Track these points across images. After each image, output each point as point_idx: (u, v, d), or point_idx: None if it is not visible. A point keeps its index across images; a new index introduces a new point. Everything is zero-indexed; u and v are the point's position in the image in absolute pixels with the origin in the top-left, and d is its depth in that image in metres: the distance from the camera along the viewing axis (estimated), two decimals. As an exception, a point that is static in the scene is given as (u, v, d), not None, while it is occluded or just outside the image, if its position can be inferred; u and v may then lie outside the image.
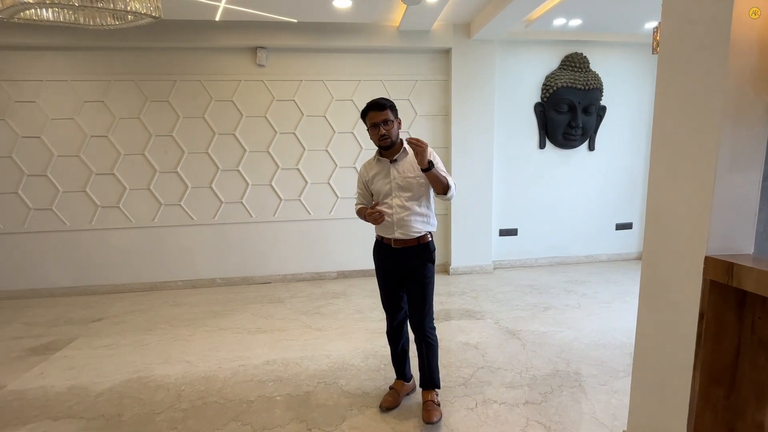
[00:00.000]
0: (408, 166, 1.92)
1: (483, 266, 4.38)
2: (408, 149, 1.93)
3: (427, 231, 1.98)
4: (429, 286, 1.97)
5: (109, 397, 2.19)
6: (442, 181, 1.85)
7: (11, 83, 3.63)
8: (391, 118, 1.86)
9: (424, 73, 4.12)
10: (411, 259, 1.94)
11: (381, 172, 1.95)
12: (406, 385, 2.18)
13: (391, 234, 1.93)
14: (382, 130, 1.84)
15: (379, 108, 1.84)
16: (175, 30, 3.57)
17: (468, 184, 4.19)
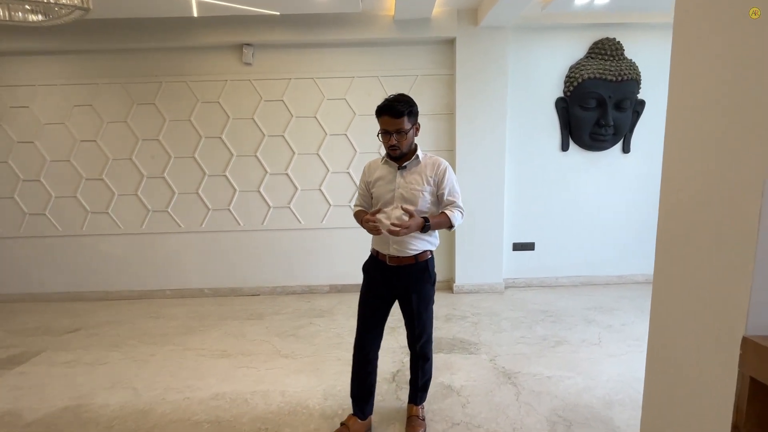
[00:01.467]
0: (417, 176, 1.74)
1: (492, 285, 3.86)
2: (421, 158, 1.78)
3: (426, 249, 1.80)
4: (428, 308, 1.85)
5: (37, 429, 2.00)
6: (443, 224, 1.75)
7: (6, 88, 3.64)
8: (406, 128, 1.67)
9: (425, 67, 3.68)
10: (407, 279, 1.79)
11: (386, 177, 1.78)
12: (359, 423, 1.88)
13: (387, 249, 1.77)
14: (393, 140, 1.66)
15: (394, 114, 1.63)
16: (157, 29, 3.40)
17: (476, 191, 3.70)
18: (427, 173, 1.75)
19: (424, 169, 1.75)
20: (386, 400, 2.17)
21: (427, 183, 1.74)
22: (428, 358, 1.93)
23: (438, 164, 1.77)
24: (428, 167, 1.76)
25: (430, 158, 1.79)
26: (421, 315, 1.84)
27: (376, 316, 1.87)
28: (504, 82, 3.59)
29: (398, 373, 2.44)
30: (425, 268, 1.80)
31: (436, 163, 1.78)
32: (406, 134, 1.68)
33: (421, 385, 1.95)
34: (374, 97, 3.68)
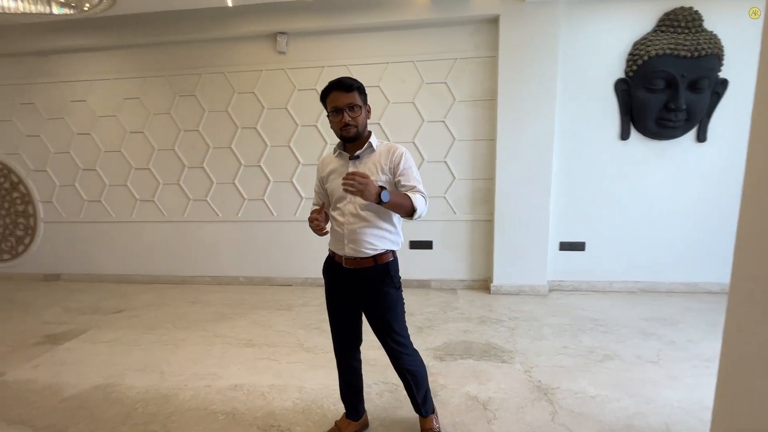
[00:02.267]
0: (371, 166, 1.54)
1: (534, 287, 3.54)
2: (375, 146, 1.57)
3: (386, 249, 1.59)
4: (394, 311, 1.63)
5: (68, 405, 2.10)
6: (403, 206, 1.48)
7: (67, 84, 3.92)
8: (359, 102, 1.50)
9: (465, 49, 3.41)
10: (367, 284, 1.59)
11: (338, 169, 1.58)
12: (352, 424, 1.80)
13: (342, 249, 1.58)
14: (347, 116, 1.47)
15: (344, 88, 1.47)
16: (195, 21, 3.47)
17: (518, 184, 3.39)
18: (381, 162, 1.53)
19: (378, 157, 1.54)
20: (403, 407, 2.01)
21: (381, 172, 1.53)
22: (415, 371, 1.68)
23: (393, 150, 1.55)
24: (382, 155, 1.55)
25: (384, 145, 1.59)
26: (392, 326, 1.61)
27: (348, 322, 1.70)
28: (553, 63, 3.23)
29: (421, 377, 2.27)
30: (386, 271, 1.58)
31: (391, 149, 1.56)
32: (359, 110, 1.49)
33: (421, 400, 1.74)
34: (409, 83, 3.49)
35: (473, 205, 3.63)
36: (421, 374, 1.71)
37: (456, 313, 3.18)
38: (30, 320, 3.27)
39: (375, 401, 2.06)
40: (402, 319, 1.66)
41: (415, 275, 3.80)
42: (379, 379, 2.26)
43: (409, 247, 3.75)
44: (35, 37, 3.69)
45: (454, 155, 3.56)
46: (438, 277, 3.78)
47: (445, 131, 3.54)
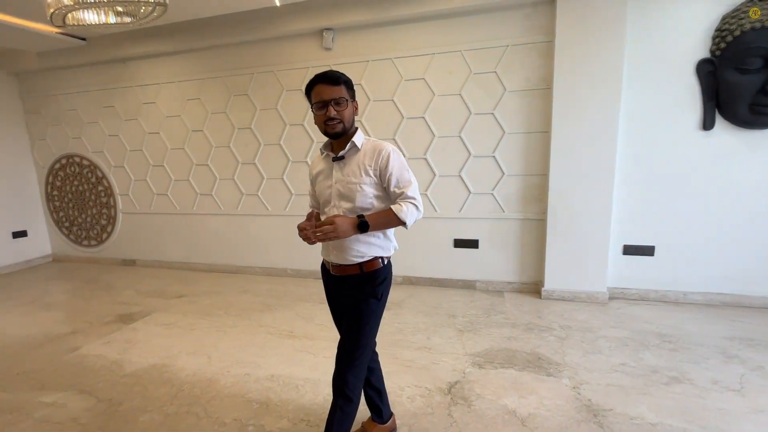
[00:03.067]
0: (354, 167, 1.43)
1: (592, 293, 3.22)
2: (359, 144, 1.44)
3: (375, 256, 1.47)
4: (361, 321, 1.45)
5: (127, 381, 2.31)
6: (389, 224, 1.41)
7: (140, 88, 4.31)
8: (346, 96, 1.40)
9: (518, 34, 3.17)
10: (349, 290, 1.50)
11: (324, 171, 1.52)
12: (378, 427, 1.76)
13: (328, 257, 1.53)
14: (332, 111, 1.37)
15: (330, 81, 1.37)
16: (245, 23, 3.60)
17: (575, 180, 3.10)
18: (365, 162, 1.41)
19: (362, 157, 1.42)
20: (435, 414, 1.93)
21: (365, 174, 1.41)
22: (349, 399, 1.43)
23: (379, 149, 1.42)
24: (367, 155, 1.42)
25: (370, 143, 1.45)
26: (351, 333, 1.46)
27: (341, 327, 1.62)
28: (619, 45, 2.88)
29: (456, 384, 2.17)
30: (371, 279, 1.46)
31: (377, 148, 1.42)
32: (346, 102, 1.39)
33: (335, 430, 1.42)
34: (456, 74, 3.33)
35: (524, 202, 3.39)
36: (351, 410, 1.45)
37: (501, 318, 3.00)
38: (108, 300, 3.67)
39: (405, 405, 2.01)
40: (368, 335, 1.47)
41: (459, 275, 3.65)
42: (412, 382, 2.20)
43: (453, 246, 3.61)
44: (116, 47, 4.09)
45: (504, 149, 3.35)
46: (484, 278, 3.60)
47: (494, 124, 3.33)
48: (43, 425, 1.93)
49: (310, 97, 1.42)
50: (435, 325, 2.91)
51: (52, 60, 4.36)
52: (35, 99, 4.76)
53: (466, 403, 2.00)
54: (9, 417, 2.00)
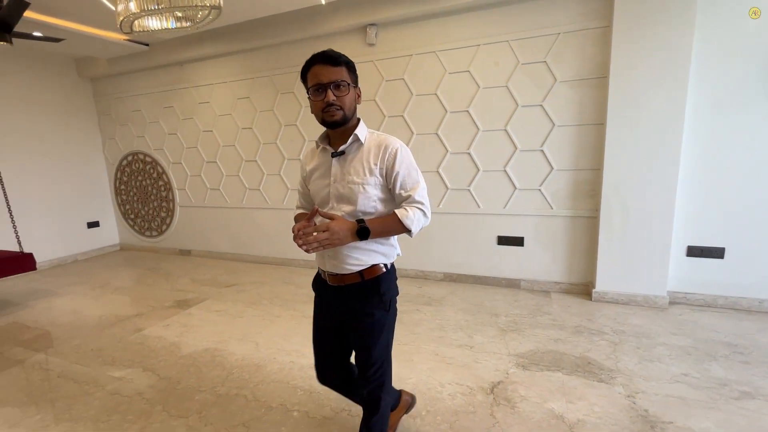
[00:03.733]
0: (357, 165, 1.25)
1: (649, 297, 3.00)
2: (363, 138, 1.28)
3: (377, 263, 1.31)
4: (375, 337, 1.32)
5: (184, 362, 2.49)
6: (391, 232, 1.26)
7: (195, 88, 4.59)
8: (348, 80, 1.21)
9: (570, 21, 2.99)
10: (352, 303, 1.32)
11: (321, 167, 1.32)
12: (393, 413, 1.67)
13: (324, 266, 1.34)
14: (332, 95, 1.18)
15: (329, 61, 1.18)
16: (292, 22, 3.70)
17: (633, 175, 2.90)
18: (370, 160, 1.24)
19: (366, 154, 1.25)
20: (477, 413, 1.90)
21: (369, 173, 1.24)
22: (379, 409, 1.37)
23: (386, 146, 1.25)
24: (372, 151, 1.25)
25: (375, 138, 1.29)
26: (371, 351, 1.32)
27: (325, 345, 1.47)
28: (688, 31, 2.63)
29: (499, 384, 2.11)
30: (375, 287, 1.31)
31: (382, 144, 1.26)
32: (347, 89, 1.21)
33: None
34: (502, 65, 3.22)
35: (574, 199, 3.22)
36: (383, 420, 1.40)
37: (547, 319, 2.88)
38: (167, 286, 3.97)
39: (446, 402, 1.99)
40: (386, 350, 1.36)
41: (502, 273, 3.55)
42: (453, 379, 2.17)
43: (497, 243, 3.51)
44: (175, 51, 4.37)
45: (553, 143, 3.19)
46: (529, 277, 3.47)
47: (543, 116, 3.18)
48: (114, 397, 2.13)
49: (306, 81, 1.23)
50: (477, 323, 2.85)
51: (120, 65, 4.75)
52: (106, 101, 5.22)
53: (509, 405, 1.94)
54: (86, 388, 2.23)
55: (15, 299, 3.75)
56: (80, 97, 5.14)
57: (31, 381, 2.33)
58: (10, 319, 3.28)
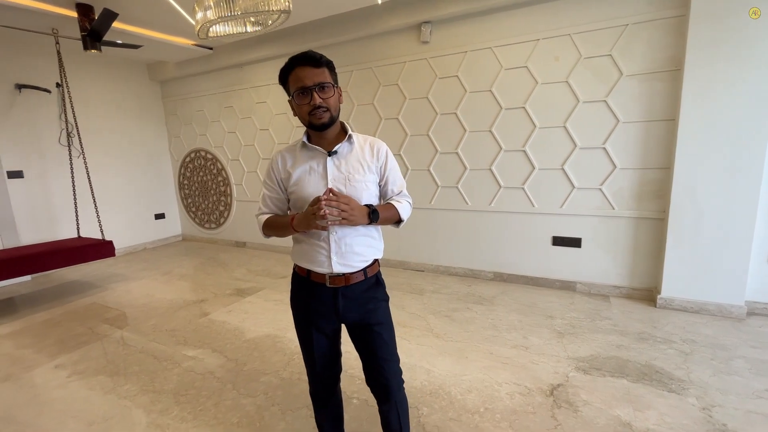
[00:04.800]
0: (355, 163, 1.27)
1: (724, 306, 2.79)
2: (360, 142, 1.32)
3: (375, 258, 1.35)
4: (392, 334, 1.37)
5: (248, 346, 2.65)
6: (391, 219, 1.31)
7: (254, 89, 4.83)
8: (330, 80, 1.21)
9: (639, 11, 2.83)
10: (358, 303, 1.31)
11: (312, 169, 1.27)
12: None
13: (324, 266, 1.28)
14: (318, 98, 1.18)
15: (311, 62, 1.18)
16: (347, 23, 3.79)
17: (708, 175, 2.70)
18: (366, 158, 1.29)
19: (360, 153, 1.29)
20: (537, 414, 1.87)
21: (368, 171, 1.28)
22: (406, 406, 1.43)
23: (377, 146, 1.32)
24: (366, 150, 1.30)
25: (361, 138, 1.34)
26: (392, 349, 1.36)
27: (328, 355, 1.41)
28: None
29: (558, 387, 2.07)
30: (378, 282, 1.36)
31: (374, 145, 1.32)
32: (332, 88, 1.21)
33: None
34: (563, 61, 3.12)
35: (639, 199, 3.05)
36: (407, 403, 1.44)
37: (607, 324, 2.76)
38: (226, 275, 4.23)
39: (504, 401, 1.98)
40: (395, 340, 1.39)
41: (556, 275, 3.44)
42: (510, 379, 2.16)
43: (552, 243, 3.41)
44: (235, 54, 4.63)
45: (617, 140, 3.04)
46: (586, 279, 3.34)
47: (606, 112, 3.04)
48: (189, 374, 2.32)
49: (287, 85, 1.23)
50: (531, 324, 2.80)
51: (186, 68, 5.10)
52: (172, 102, 5.63)
53: (571, 408, 1.90)
54: (165, 364, 2.45)
55: (97, 282, 4.17)
56: (150, 98, 5.59)
57: (118, 354, 2.59)
58: (95, 299, 3.65)
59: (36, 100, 4.37)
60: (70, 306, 3.50)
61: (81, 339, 2.84)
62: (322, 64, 1.20)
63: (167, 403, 2.06)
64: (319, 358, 1.39)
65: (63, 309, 3.43)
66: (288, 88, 1.24)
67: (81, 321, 3.15)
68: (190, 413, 1.97)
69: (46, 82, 4.39)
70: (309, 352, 1.39)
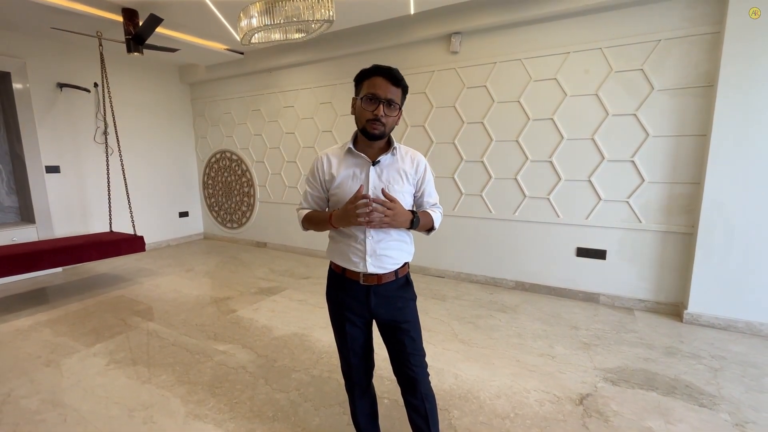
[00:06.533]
0: (394, 173, 1.35)
1: (753, 324, 2.76)
2: (402, 153, 1.39)
3: (406, 261, 1.45)
4: (419, 331, 1.46)
5: (277, 343, 2.71)
6: (426, 226, 1.41)
7: (281, 93, 4.95)
8: (399, 102, 1.31)
9: (673, 26, 2.86)
10: (389, 302, 1.40)
11: (353, 173, 1.36)
12: None
13: (359, 266, 1.37)
14: (382, 111, 1.26)
15: (392, 79, 1.27)
16: (378, 32, 3.89)
17: (739, 191, 2.70)
18: (406, 170, 1.37)
19: (400, 164, 1.37)
20: (568, 422, 1.89)
21: (407, 182, 1.37)
22: (433, 397, 1.48)
23: (417, 159, 1.41)
24: (406, 162, 1.38)
25: (403, 150, 1.41)
26: (419, 347, 1.44)
27: (368, 346, 1.50)
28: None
29: (588, 397, 2.08)
30: (407, 282, 1.46)
31: (414, 158, 1.41)
32: (397, 110, 1.31)
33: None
34: (592, 74, 3.15)
35: (667, 213, 3.05)
36: (435, 400, 1.49)
37: (633, 336, 2.76)
38: (249, 274, 4.32)
39: (534, 407, 2.00)
40: (421, 337, 1.47)
41: (580, 286, 3.44)
42: (538, 386, 2.17)
43: (576, 255, 3.42)
44: (266, 59, 4.77)
45: (646, 154, 3.05)
46: (610, 292, 3.33)
47: (636, 126, 3.06)
48: (221, 367, 2.39)
49: (361, 85, 1.31)
50: (556, 335, 2.80)
51: (216, 71, 5.26)
52: (201, 104, 5.79)
53: (602, 418, 1.91)
54: (197, 357, 2.52)
55: (127, 275, 4.29)
56: (180, 100, 5.76)
57: (152, 346, 2.68)
58: (124, 292, 3.77)
59: (75, 99, 4.55)
60: (100, 298, 3.61)
61: (115, 330, 2.93)
62: (401, 85, 1.29)
63: (203, 394, 2.13)
64: (353, 350, 1.47)
65: (94, 300, 3.55)
66: (359, 88, 1.32)
67: (113, 312, 3.26)
68: (227, 405, 2.04)
69: (83, 81, 4.57)
70: (344, 343, 1.48)
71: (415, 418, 1.47)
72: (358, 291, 1.39)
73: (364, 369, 1.51)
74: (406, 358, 1.42)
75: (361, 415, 1.58)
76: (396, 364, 1.46)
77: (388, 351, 1.48)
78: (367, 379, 1.54)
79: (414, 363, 1.42)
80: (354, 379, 1.51)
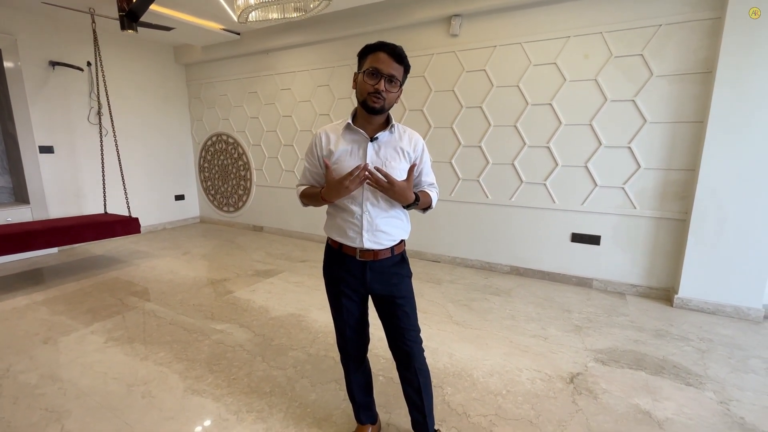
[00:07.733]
0: (391, 150, 1.36)
1: (741, 308, 2.83)
2: (400, 131, 1.41)
3: (402, 239, 1.47)
4: (414, 307, 1.49)
5: (274, 323, 2.75)
6: (423, 205, 1.42)
7: (279, 75, 4.89)
8: (401, 79, 1.31)
9: (674, 11, 2.84)
10: (384, 278, 1.42)
11: (352, 150, 1.36)
12: (374, 427, 1.69)
13: (356, 241, 1.38)
14: (383, 86, 1.27)
15: (396, 57, 1.27)
16: (376, 13, 3.83)
17: (734, 178, 2.73)
18: (403, 147, 1.38)
19: (398, 142, 1.38)
20: (558, 399, 1.94)
21: (404, 159, 1.37)
22: (427, 371, 1.51)
23: (415, 138, 1.42)
24: (404, 140, 1.39)
25: (401, 128, 1.42)
26: (413, 323, 1.47)
27: (363, 320, 1.53)
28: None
29: (578, 376, 2.13)
30: (403, 259, 1.47)
31: (412, 136, 1.42)
32: (398, 86, 1.31)
33: (429, 409, 1.52)
34: (592, 59, 3.14)
35: (661, 199, 3.08)
36: (429, 375, 1.52)
37: (624, 320, 2.81)
38: (245, 257, 4.33)
39: (525, 385, 2.04)
40: (416, 312, 1.51)
41: (574, 271, 3.49)
42: (530, 365, 2.22)
43: (571, 240, 3.45)
44: (262, 40, 4.69)
45: (643, 140, 3.07)
46: (602, 277, 3.38)
47: (634, 112, 3.06)
48: (219, 345, 2.42)
49: (364, 60, 1.31)
50: (549, 317, 2.85)
51: (212, 52, 5.17)
52: (197, 85, 5.71)
53: (591, 395, 1.96)
54: (195, 336, 2.55)
55: (121, 257, 4.29)
56: (175, 81, 5.67)
57: (149, 325, 2.70)
58: (120, 273, 3.77)
59: (68, 78, 4.47)
60: (97, 278, 3.62)
61: (112, 309, 2.95)
62: (403, 63, 1.30)
63: (201, 371, 2.16)
64: (349, 323, 1.50)
65: (91, 281, 3.55)
66: (362, 63, 1.33)
67: (110, 293, 3.27)
68: (224, 381, 2.07)
69: (76, 60, 4.48)
70: (340, 317, 1.51)
71: (409, 391, 1.52)
72: (355, 266, 1.41)
73: (359, 343, 1.54)
74: (400, 332, 1.45)
75: (356, 388, 1.61)
76: (391, 339, 1.50)
77: (384, 326, 1.50)
78: (362, 352, 1.57)
79: (408, 338, 1.45)
80: (350, 352, 1.54)
